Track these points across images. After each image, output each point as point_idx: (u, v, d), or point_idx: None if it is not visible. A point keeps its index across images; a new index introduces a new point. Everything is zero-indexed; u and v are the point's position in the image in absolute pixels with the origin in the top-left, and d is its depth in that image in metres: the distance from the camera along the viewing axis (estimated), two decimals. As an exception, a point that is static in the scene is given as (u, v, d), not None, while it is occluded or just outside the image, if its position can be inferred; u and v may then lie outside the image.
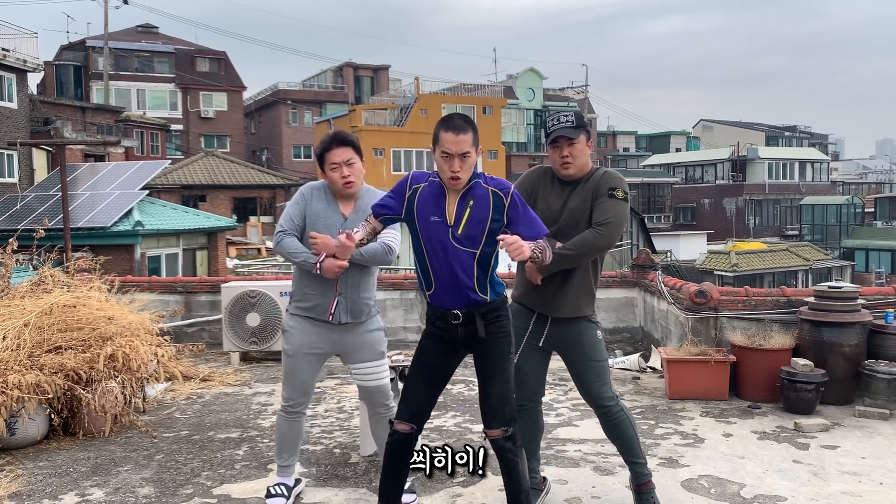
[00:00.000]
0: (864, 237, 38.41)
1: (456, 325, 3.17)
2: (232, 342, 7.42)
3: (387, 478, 3.28)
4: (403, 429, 3.21)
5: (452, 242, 3.09)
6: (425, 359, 3.27)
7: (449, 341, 3.23)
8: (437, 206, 3.11)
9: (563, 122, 3.45)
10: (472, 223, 3.08)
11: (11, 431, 4.71)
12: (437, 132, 3.08)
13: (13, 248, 6.03)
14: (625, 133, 66.78)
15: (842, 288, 5.87)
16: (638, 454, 3.69)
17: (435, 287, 3.17)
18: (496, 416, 3.16)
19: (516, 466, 3.17)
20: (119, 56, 43.13)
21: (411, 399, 3.24)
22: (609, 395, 3.62)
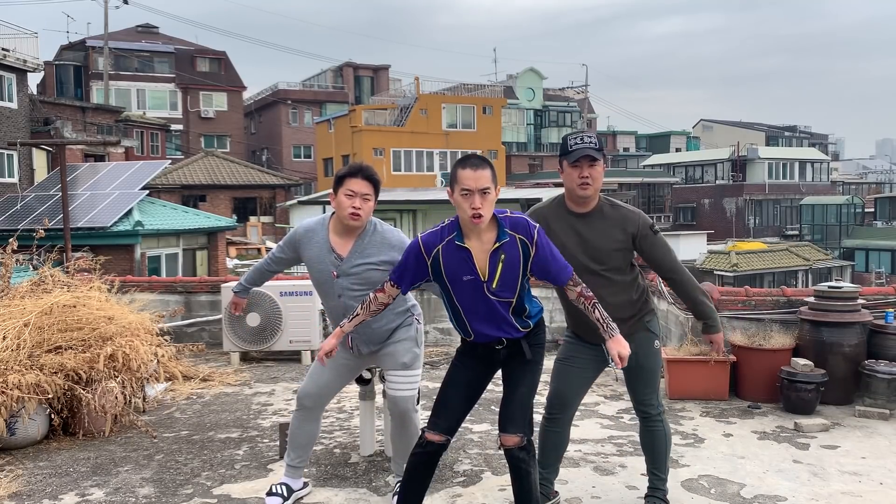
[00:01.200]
0: (864, 237, 38.39)
1: (500, 349, 3.19)
2: (232, 342, 7.42)
3: (411, 488, 3.23)
4: (437, 439, 3.17)
5: (489, 296, 3.08)
6: (463, 373, 3.25)
7: (489, 361, 3.24)
8: (467, 265, 3.06)
9: (587, 143, 3.41)
10: (506, 276, 3.06)
11: (11, 431, 4.71)
12: (454, 172, 3.04)
13: (13, 248, 6.03)
14: (625, 133, 66.78)
15: (842, 288, 5.87)
16: (662, 468, 3.71)
17: (474, 336, 3.18)
18: (514, 420, 3.15)
19: (529, 476, 3.16)
20: (119, 56, 43.14)
21: (448, 411, 3.21)
22: (652, 403, 3.65)
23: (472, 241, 3.07)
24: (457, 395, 3.22)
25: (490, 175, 3.01)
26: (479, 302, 3.09)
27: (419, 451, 3.20)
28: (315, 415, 3.91)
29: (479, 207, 2.97)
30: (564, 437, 3.72)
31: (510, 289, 3.08)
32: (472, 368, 3.25)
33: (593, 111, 59.83)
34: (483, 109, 40.03)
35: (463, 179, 2.99)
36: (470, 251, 3.06)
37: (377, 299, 3.28)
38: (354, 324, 3.33)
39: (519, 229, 3.07)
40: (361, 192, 3.62)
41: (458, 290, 3.11)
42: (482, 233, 3.06)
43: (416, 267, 3.15)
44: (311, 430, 3.92)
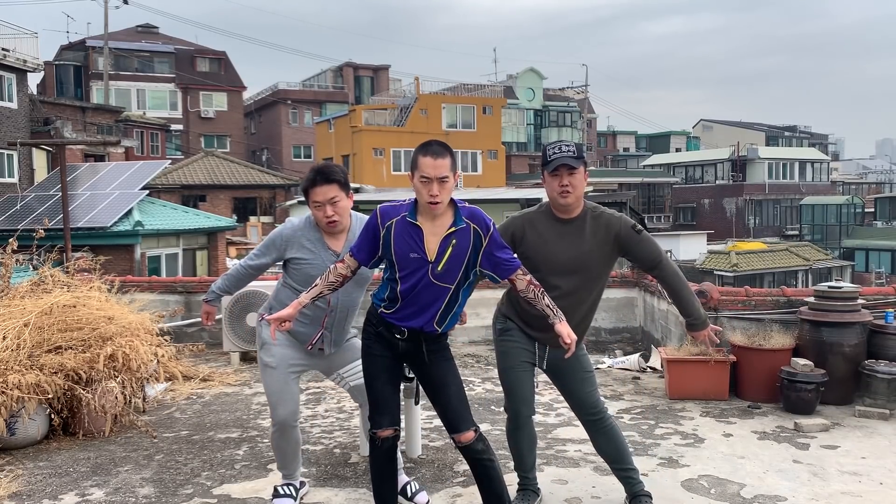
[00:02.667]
0: (864, 237, 38.39)
1: (398, 339, 3.20)
2: (232, 342, 7.42)
3: (383, 485, 3.28)
4: (388, 434, 3.22)
5: (430, 278, 3.09)
6: (381, 362, 3.26)
7: (391, 347, 3.24)
8: (416, 243, 3.09)
9: (564, 151, 3.43)
10: (452, 261, 3.09)
11: (11, 431, 4.71)
12: (415, 158, 3.08)
13: (13, 248, 6.03)
14: (625, 133, 66.81)
15: (842, 288, 5.86)
16: (629, 460, 3.74)
17: (396, 310, 3.17)
18: (462, 418, 3.18)
19: (493, 464, 3.20)
20: (119, 56, 43.13)
21: (385, 404, 3.23)
22: (601, 403, 3.71)
23: (425, 221, 3.11)
24: (384, 385, 3.25)
25: (449, 164, 3.05)
26: (419, 282, 3.09)
27: (378, 452, 3.25)
28: (293, 428, 3.78)
29: (437, 195, 3.03)
30: (532, 431, 3.79)
31: (453, 275, 3.10)
32: (384, 357, 3.25)
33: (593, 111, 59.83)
34: (483, 109, 40.02)
35: (423, 167, 3.04)
36: (422, 230, 3.09)
37: (335, 269, 3.27)
38: (312, 295, 3.26)
39: (475, 220, 3.13)
40: (327, 198, 3.59)
41: (402, 268, 3.11)
42: (437, 217, 3.10)
43: (371, 235, 3.17)
44: (296, 441, 3.84)
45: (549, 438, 4.91)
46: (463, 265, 3.11)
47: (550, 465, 4.40)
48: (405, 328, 3.17)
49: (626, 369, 6.92)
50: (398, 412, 3.28)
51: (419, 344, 3.20)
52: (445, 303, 3.15)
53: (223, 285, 4.02)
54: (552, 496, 3.96)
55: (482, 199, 25.74)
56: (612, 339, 8.22)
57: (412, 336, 3.19)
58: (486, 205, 24.82)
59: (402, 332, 3.18)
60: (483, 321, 7.79)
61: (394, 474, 3.34)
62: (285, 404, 3.71)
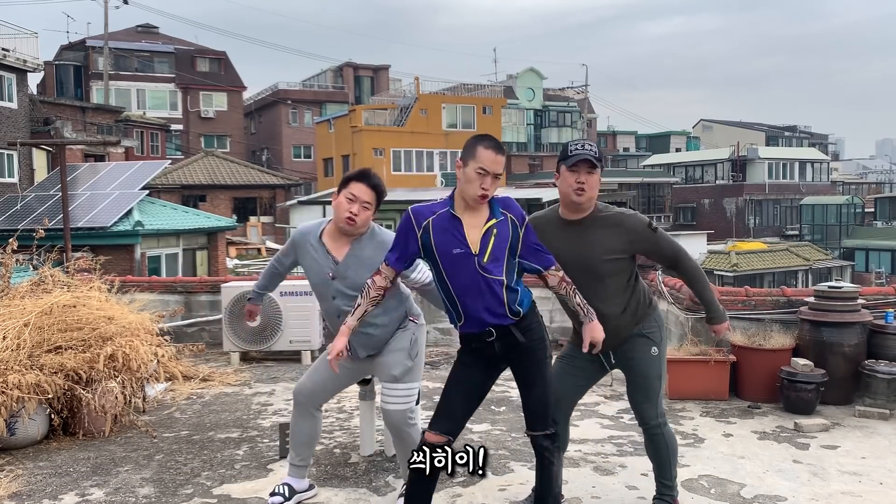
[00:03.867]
0: (864, 237, 38.39)
1: (491, 342, 3.14)
2: (232, 342, 7.42)
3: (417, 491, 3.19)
4: (437, 440, 3.12)
5: (480, 272, 3.06)
6: (465, 373, 3.23)
7: (487, 357, 3.20)
8: (457, 238, 3.06)
9: (587, 150, 3.41)
10: (497, 251, 3.07)
11: (11, 431, 4.71)
12: (474, 147, 3.06)
13: (13, 248, 6.03)
14: (625, 133, 66.81)
15: (842, 288, 5.87)
16: (667, 476, 3.67)
17: (464, 319, 3.14)
18: (539, 419, 3.18)
19: (551, 466, 3.19)
20: (119, 56, 43.13)
21: (450, 411, 3.18)
22: (651, 414, 3.58)
23: (464, 215, 3.11)
24: (458, 394, 3.20)
25: (504, 162, 3.12)
26: (469, 278, 3.07)
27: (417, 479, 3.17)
28: (311, 412, 3.87)
29: (488, 189, 3.06)
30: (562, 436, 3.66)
31: (499, 265, 3.09)
32: (471, 367, 3.22)
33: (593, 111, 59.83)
34: (483, 109, 40.02)
35: (483, 159, 3.05)
36: (462, 222, 3.09)
37: (375, 283, 3.24)
38: (357, 315, 3.27)
39: (511, 210, 3.17)
40: (362, 198, 3.61)
41: (447, 266, 3.09)
42: (476, 210, 3.11)
43: (407, 240, 3.14)
44: (310, 428, 3.88)
45: (549, 438, 4.90)
46: (506, 255, 3.10)
47: (550, 465, 4.40)
48: (491, 328, 3.11)
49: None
50: (458, 426, 3.19)
51: (511, 335, 3.12)
52: (505, 291, 3.09)
53: (262, 283, 4.24)
54: (552, 496, 3.95)
55: (482, 199, 25.70)
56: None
57: (501, 331, 3.12)
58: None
59: (491, 334, 3.12)
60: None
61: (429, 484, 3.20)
62: (307, 378, 3.87)
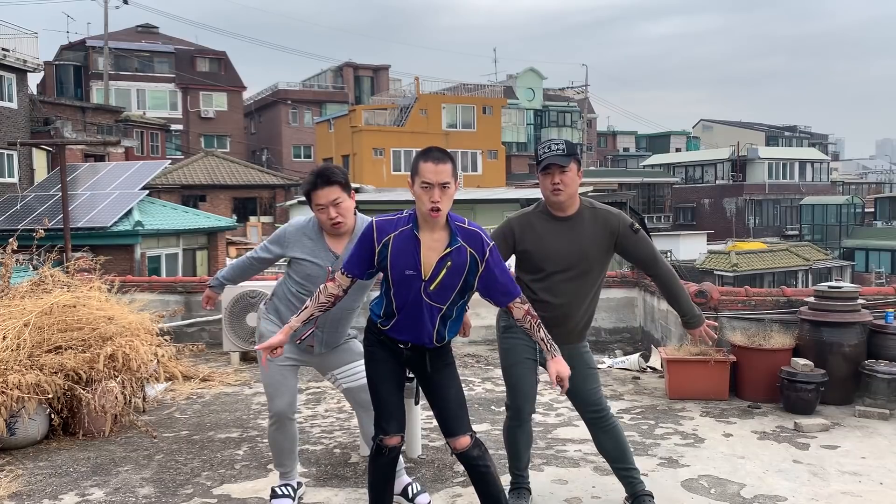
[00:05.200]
0: (864, 237, 38.38)
1: (402, 348, 3.17)
2: (232, 342, 7.42)
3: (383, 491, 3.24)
4: (395, 442, 3.17)
5: (423, 297, 3.04)
6: (385, 367, 3.21)
7: (396, 355, 3.21)
8: (413, 259, 3.03)
9: (553, 150, 3.46)
10: (446, 283, 3.03)
11: (11, 431, 4.71)
12: (415, 164, 3.02)
13: (13, 248, 6.03)
14: (625, 133, 66.82)
15: (842, 288, 5.86)
16: (630, 460, 3.73)
17: (393, 327, 3.14)
18: (461, 421, 3.15)
19: (489, 471, 3.17)
20: (119, 56, 43.12)
21: (392, 409, 3.19)
22: (604, 401, 3.70)
23: (425, 234, 3.05)
24: (390, 390, 3.21)
25: (451, 169, 3.00)
26: (412, 298, 3.05)
27: (383, 459, 3.19)
28: (289, 422, 3.80)
29: (438, 201, 2.96)
30: (530, 430, 3.78)
31: (444, 297, 3.05)
32: (387, 362, 3.22)
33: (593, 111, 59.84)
34: (483, 109, 40.00)
35: (424, 172, 2.97)
36: (420, 243, 3.03)
37: (326, 289, 3.19)
38: (302, 318, 3.21)
39: (471, 242, 3.05)
40: (330, 199, 3.57)
41: (396, 282, 3.06)
42: (436, 231, 3.04)
43: (365, 250, 3.10)
44: (294, 432, 3.85)
45: (549, 438, 4.91)
46: (457, 287, 3.06)
47: (550, 465, 4.40)
48: (409, 341, 3.14)
49: (626, 369, 6.92)
50: (404, 418, 3.24)
51: (422, 354, 3.17)
52: (439, 319, 3.10)
53: (227, 274, 4.06)
54: (552, 496, 3.96)
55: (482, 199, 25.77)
56: (612, 339, 8.22)
57: (415, 348, 3.16)
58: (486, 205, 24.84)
59: (406, 343, 3.15)
60: (483, 321, 7.78)
61: (391, 482, 3.31)
62: (282, 396, 3.72)
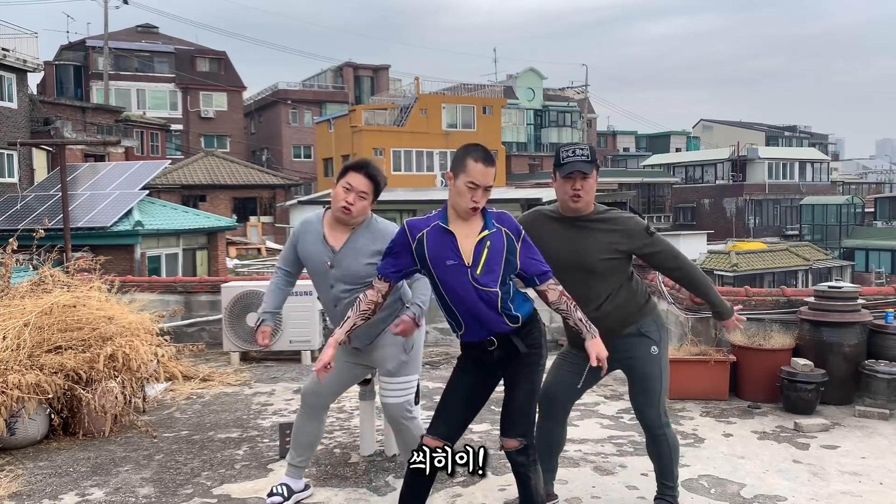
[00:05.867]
0: (864, 237, 38.38)
1: (492, 350, 3.15)
2: (232, 342, 7.42)
3: (412, 494, 3.20)
4: (435, 444, 3.13)
5: (473, 283, 3.05)
6: (463, 379, 3.23)
7: (486, 365, 3.20)
8: (451, 250, 3.06)
9: (579, 156, 3.39)
10: (491, 265, 3.05)
11: (11, 431, 4.71)
12: (464, 160, 3.04)
13: (13, 248, 6.02)
14: (625, 133, 66.81)
15: (842, 288, 5.87)
16: (669, 477, 3.67)
17: (465, 328, 3.14)
18: (515, 425, 3.15)
19: (529, 481, 3.15)
20: (119, 56, 43.11)
21: (448, 416, 3.18)
22: (654, 416, 3.57)
23: (457, 226, 3.09)
24: (456, 400, 3.21)
25: (494, 172, 3.11)
26: (464, 289, 3.06)
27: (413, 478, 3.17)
28: (318, 414, 3.91)
29: (479, 202, 3.05)
30: (557, 435, 3.70)
31: (494, 277, 3.06)
32: (470, 373, 3.23)
33: (593, 111, 59.83)
34: (483, 109, 40.00)
35: (473, 172, 3.03)
36: (454, 235, 3.07)
37: (367, 297, 3.23)
38: (345, 329, 3.26)
39: (505, 224, 3.13)
40: (358, 188, 3.61)
41: (442, 276, 3.08)
42: (468, 221, 3.09)
43: (401, 252, 3.14)
44: (314, 430, 3.91)
45: (549, 438, 4.90)
46: (501, 266, 3.07)
47: (550, 465, 4.40)
48: (493, 338, 3.12)
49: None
50: (457, 432, 3.21)
51: (511, 343, 3.13)
52: (500, 301, 3.07)
53: (270, 301, 3.95)
54: (552, 496, 3.95)
55: (482, 199, 25.68)
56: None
57: (502, 341, 3.13)
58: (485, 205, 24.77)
59: (493, 343, 3.13)
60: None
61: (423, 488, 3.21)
62: (310, 381, 3.90)
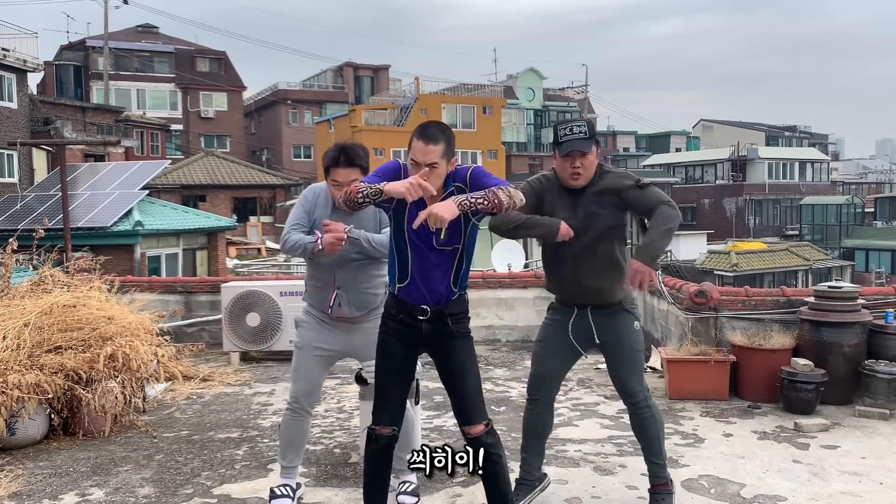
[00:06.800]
0: (864, 237, 38.38)
1: (422, 321, 3.13)
2: (232, 342, 7.42)
3: (373, 486, 3.22)
4: (386, 432, 3.16)
5: (436, 245, 3.06)
6: (393, 360, 3.21)
7: (411, 337, 3.18)
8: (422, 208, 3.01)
9: (576, 134, 3.41)
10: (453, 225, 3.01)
11: (11, 431, 4.71)
12: (410, 138, 3.04)
13: (13, 248, 6.02)
14: (625, 133, 66.76)
15: (842, 288, 5.86)
16: (658, 454, 3.70)
17: (409, 281, 3.12)
18: (475, 409, 3.13)
19: (500, 461, 3.14)
20: (119, 56, 43.11)
21: (388, 401, 3.19)
22: (639, 386, 3.65)
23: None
24: (392, 383, 3.21)
25: (441, 150, 2.96)
26: (427, 247, 3.06)
27: (371, 448, 3.20)
28: (308, 412, 3.88)
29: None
30: (547, 420, 3.77)
31: (456, 238, 3.06)
32: (395, 353, 3.20)
33: (593, 111, 59.82)
34: (483, 109, 40.00)
35: (414, 150, 3.00)
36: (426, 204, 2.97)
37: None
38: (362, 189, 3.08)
39: (458, 178, 3.06)
40: (348, 180, 3.61)
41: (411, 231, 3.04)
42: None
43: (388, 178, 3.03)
44: (305, 428, 3.90)
45: (550, 438, 4.88)
46: (461, 224, 3.05)
47: (550, 465, 4.39)
48: (427, 306, 3.10)
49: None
50: (401, 414, 3.24)
51: (443, 318, 3.12)
52: (455, 262, 3.10)
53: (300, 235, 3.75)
54: (552, 496, 3.95)
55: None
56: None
57: (435, 313, 3.11)
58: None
59: (425, 312, 3.11)
60: (483, 321, 7.79)
61: (382, 476, 3.27)
62: (299, 381, 3.83)
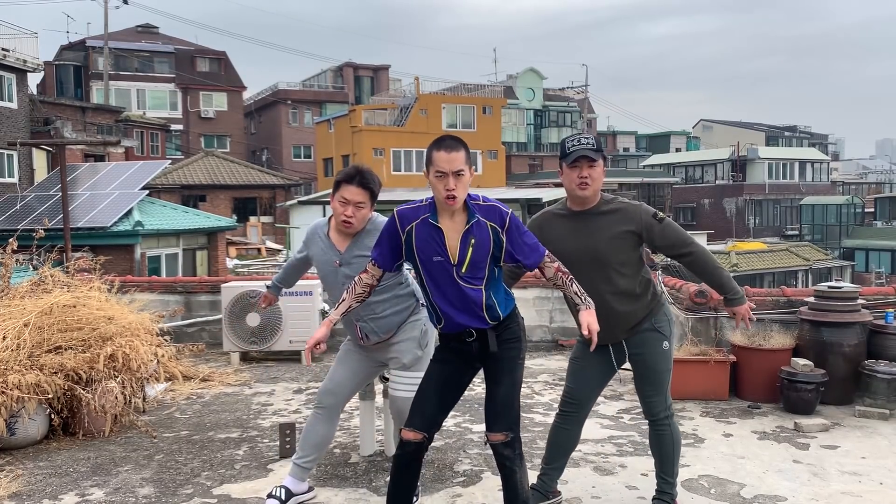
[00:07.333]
0: (864, 237, 38.38)
1: (470, 342, 3.16)
2: (232, 342, 7.42)
3: (397, 490, 3.21)
4: (413, 437, 3.14)
5: (458, 281, 3.06)
6: (439, 369, 3.24)
7: (464, 355, 3.21)
8: (438, 245, 3.05)
9: (584, 144, 3.44)
10: (476, 261, 3.04)
11: (11, 431, 4.71)
12: (429, 154, 3.05)
13: (13, 248, 6.03)
14: (625, 133, 66.76)
15: (842, 288, 5.86)
16: (669, 472, 3.69)
17: (445, 322, 3.16)
18: (499, 419, 3.14)
19: (514, 475, 3.15)
20: (119, 56, 43.12)
21: (423, 407, 3.19)
22: (660, 405, 3.63)
23: (445, 221, 3.07)
24: (433, 392, 3.21)
25: (464, 157, 3.03)
26: (448, 285, 3.08)
27: (399, 453, 3.19)
28: (332, 415, 3.91)
29: (453, 189, 2.99)
30: (573, 436, 3.74)
31: (480, 275, 3.07)
32: (448, 364, 3.23)
33: (593, 111, 59.82)
34: (483, 109, 39.99)
35: (437, 161, 3.01)
36: (443, 231, 3.06)
37: (361, 281, 3.28)
38: (341, 311, 3.30)
39: (490, 216, 3.07)
40: (355, 200, 3.64)
41: (428, 271, 3.11)
42: (455, 214, 3.07)
43: (391, 241, 3.15)
44: (325, 431, 3.91)
45: (549, 438, 4.90)
46: (487, 262, 3.06)
47: (550, 465, 4.39)
48: (472, 330, 3.12)
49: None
50: (435, 422, 3.21)
51: (486, 336, 3.14)
52: (484, 298, 3.09)
53: (281, 276, 4.34)
54: (552, 496, 3.95)
55: (482, 199, 25.70)
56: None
57: (479, 335, 3.14)
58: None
59: (470, 333, 3.14)
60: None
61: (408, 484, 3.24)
62: (325, 380, 3.97)
